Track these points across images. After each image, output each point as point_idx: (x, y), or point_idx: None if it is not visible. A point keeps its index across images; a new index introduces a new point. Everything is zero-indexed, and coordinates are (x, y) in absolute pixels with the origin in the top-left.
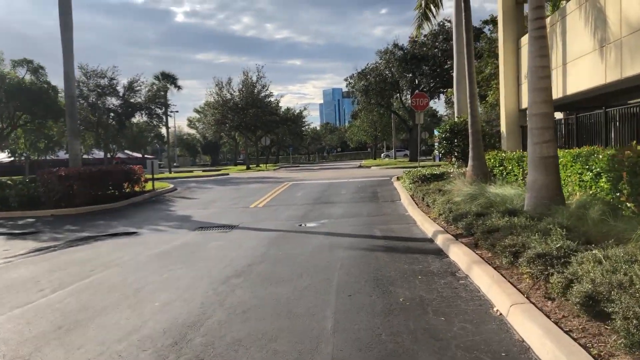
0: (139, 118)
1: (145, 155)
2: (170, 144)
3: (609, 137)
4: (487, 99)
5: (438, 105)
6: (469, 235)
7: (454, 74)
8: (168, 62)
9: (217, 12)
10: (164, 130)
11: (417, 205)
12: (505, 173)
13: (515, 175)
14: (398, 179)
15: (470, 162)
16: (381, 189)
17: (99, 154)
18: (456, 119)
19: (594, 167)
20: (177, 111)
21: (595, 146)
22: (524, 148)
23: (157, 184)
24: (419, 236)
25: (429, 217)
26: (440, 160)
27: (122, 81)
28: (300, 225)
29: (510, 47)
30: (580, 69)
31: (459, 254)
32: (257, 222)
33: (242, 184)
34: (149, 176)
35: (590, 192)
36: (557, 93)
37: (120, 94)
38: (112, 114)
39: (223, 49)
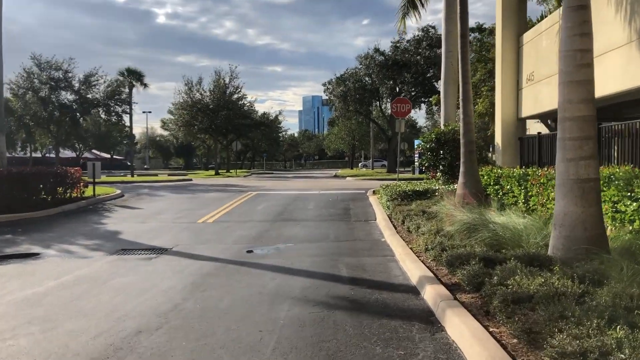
0: (97, 115)
1: (114, 156)
2: (142, 145)
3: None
4: (475, 107)
5: (418, 115)
6: (473, 290)
7: (442, 77)
8: (148, 63)
9: (199, 15)
10: (135, 131)
11: (396, 229)
12: (501, 194)
13: (514, 197)
14: (374, 192)
15: (460, 179)
16: (355, 204)
17: (64, 152)
18: (443, 128)
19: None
20: (149, 112)
21: (632, 167)
22: (523, 164)
23: (103, 190)
24: (399, 280)
25: (412, 249)
26: (420, 174)
27: (79, 75)
28: (249, 252)
29: (510, 46)
30: (608, 67)
31: (464, 333)
32: (196, 245)
33: (200, 192)
34: (90, 179)
35: (632, 227)
36: None
37: (76, 89)
38: (65, 110)
39: (204, 53)
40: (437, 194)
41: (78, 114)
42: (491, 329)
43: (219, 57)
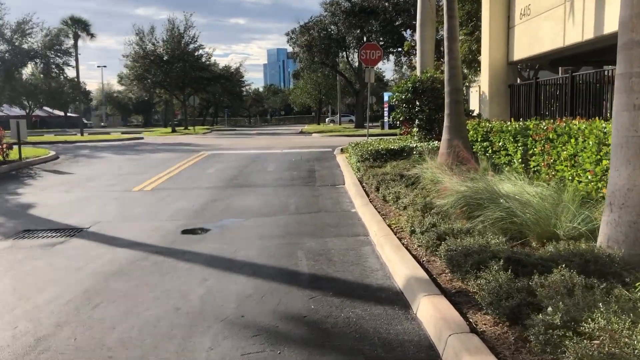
0: (33, 68)
1: (68, 114)
2: (98, 102)
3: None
4: None
5: (386, 68)
6: (500, 314)
7: (418, 18)
8: (105, 16)
9: None
10: (89, 87)
11: (369, 196)
12: (490, 151)
13: (508, 155)
14: (342, 151)
15: (445, 135)
16: (320, 165)
17: (13, 110)
18: (420, 76)
19: None
20: (104, 66)
21: None
22: (513, 116)
23: (34, 151)
24: (378, 281)
25: (390, 226)
26: (390, 128)
27: (12, 22)
28: (185, 232)
29: None
30: None
31: None
32: (120, 223)
33: (147, 152)
34: (14, 141)
35: None
36: (578, 35)
37: (7, 37)
38: None
39: (164, 4)
40: (414, 152)
41: (12, 66)
42: None
43: (180, 9)
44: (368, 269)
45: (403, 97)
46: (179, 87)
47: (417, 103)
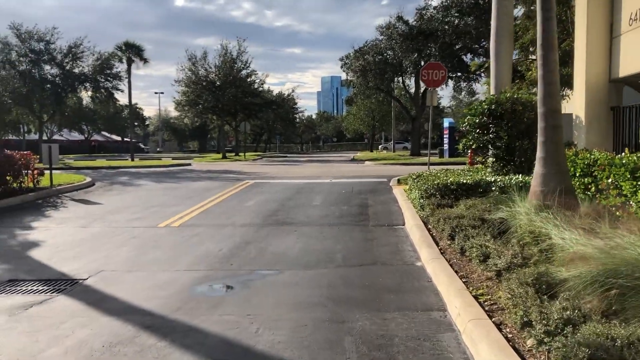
0: (83, 92)
1: (126, 139)
2: (155, 127)
3: None
4: (528, 74)
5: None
6: None
7: (492, 30)
8: (166, 46)
9: None
10: (147, 113)
11: (438, 244)
12: (594, 190)
13: (622, 196)
14: (399, 182)
15: (539, 169)
16: (374, 198)
17: (73, 135)
18: (497, 96)
19: None
20: (162, 92)
21: None
22: (618, 145)
23: (69, 178)
24: None
25: (478, 298)
26: (450, 157)
27: (63, 46)
28: (198, 291)
29: None
30: None
31: None
32: (126, 274)
33: (189, 180)
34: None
35: None
36: None
37: (58, 61)
38: (48, 86)
39: (223, 35)
40: (493, 188)
41: (60, 90)
42: None
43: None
44: None
45: (477, 121)
46: (230, 113)
47: (492, 129)
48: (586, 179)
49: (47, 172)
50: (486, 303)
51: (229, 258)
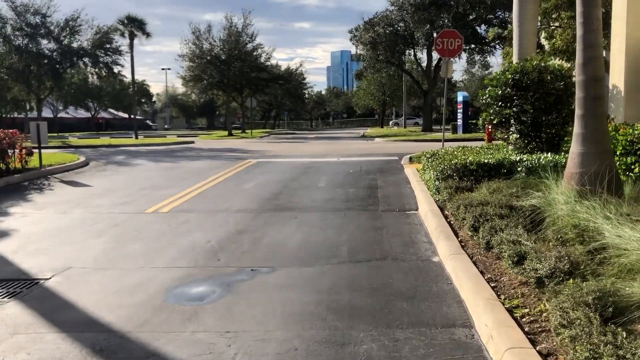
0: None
1: (132, 116)
2: (162, 104)
3: None
4: (552, 41)
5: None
6: None
7: None
8: (175, 21)
9: None
10: (155, 89)
11: (457, 234)
12: (638, 169)
13: None
14: (411, 160)
15: (577, 147)
16: (384, 179)
17: (79, 112)
18: (522, 64)
19: None
20: (169, 68)
21: None
22: None
23: (63, 157)
24: None
25: (513, 311)
26: (464, 132)
27: (60, 20)
28: (173, 297)
29: None
30: None
31: None
32: (95, 272)
33: (187, 159)
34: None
35: None
36: None
37: (55, 35)
38: (45, 61)
39: (230, 10)
40: (519, 169)
41: (58, 65)
42: None
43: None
44: None
45: (500, 92)
46: (236, 89)
47: (517, 101)
48: (629, 158)
49: (37, 151)
50: (524, 320)
51: (217, 252)
